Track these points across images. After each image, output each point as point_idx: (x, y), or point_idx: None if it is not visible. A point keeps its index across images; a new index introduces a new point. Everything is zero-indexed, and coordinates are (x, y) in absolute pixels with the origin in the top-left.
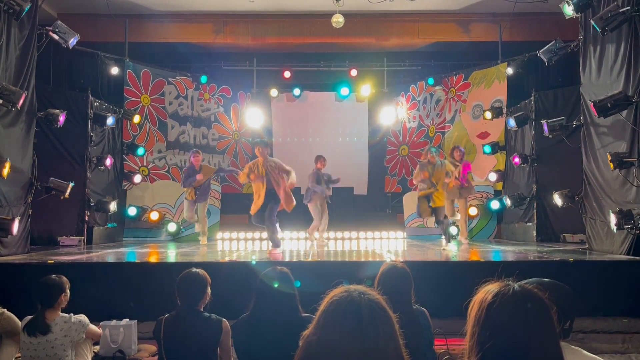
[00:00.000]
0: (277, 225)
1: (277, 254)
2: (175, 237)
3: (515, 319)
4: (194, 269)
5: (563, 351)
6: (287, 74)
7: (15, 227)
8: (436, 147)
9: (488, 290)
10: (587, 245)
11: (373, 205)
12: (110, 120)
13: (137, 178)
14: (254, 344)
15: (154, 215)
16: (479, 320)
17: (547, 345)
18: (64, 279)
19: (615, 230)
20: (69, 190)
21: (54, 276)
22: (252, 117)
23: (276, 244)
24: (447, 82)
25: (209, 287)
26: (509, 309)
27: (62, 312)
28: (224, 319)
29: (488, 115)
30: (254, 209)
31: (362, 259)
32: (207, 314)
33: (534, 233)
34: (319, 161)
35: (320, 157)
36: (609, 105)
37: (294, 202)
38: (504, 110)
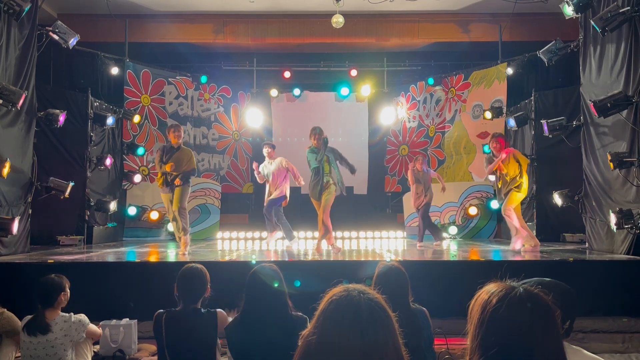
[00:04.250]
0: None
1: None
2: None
3: (522, 324)
4: (193, 265)
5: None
6: (287, 74)
7: (15, 227)
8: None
9: (491, 292)
10: (587, 245)
11: (373, 205)
12: (110, 120)
13: (137, 178)
14: (247, 343)
15: (154, 215)
16: (483, 323)
17: (552, 349)
18: (64, 278)
19: (615, 230)
20: (68, 190)
21: (53, 276)
22: (252, 117)
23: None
24: (447, 82)
25: (209, 283)
26: (515, 314)
27: (62, 311)
28: (218, 310)
29: (488, 115)
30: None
31: (362, 259)
32: (203, 310)
33: (534, 233)
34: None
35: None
36: (609, 105)
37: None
38: (504, 110)
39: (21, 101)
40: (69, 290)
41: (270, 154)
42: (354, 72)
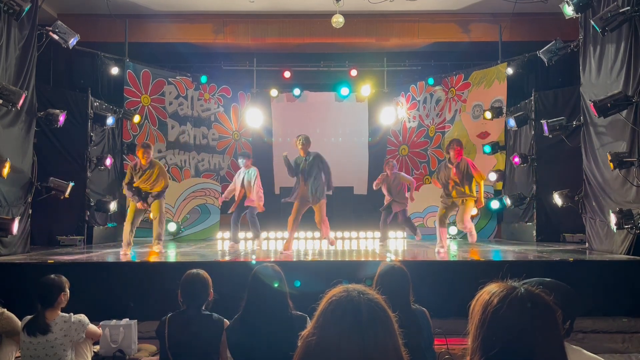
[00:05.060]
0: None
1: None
2: (175, 237)
3: (523, 324)
4: (195, 270)
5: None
6: (287, 74)
7: (15, 227)
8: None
9: (493, 293)
10: (587, 245)
11: (373, 205)
12: (110, 120)
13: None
14: (248, 343)
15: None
16: (484, 323)
17: (553, 349)
18: (64, 278)
19: (615, 230)
20: (69, 190)
21: (53, 276)
22: (252, 117)
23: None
24: (447, 82)
25: (211, 287)
26: (516, 314)
27: (61, 311)
28: (224, 319)
29: (488, 115)
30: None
31: (362, 259)
32: (208, 313)
33: (534, 233)
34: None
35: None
36: (608, 105)
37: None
38: (504, 110)
39: (21, 101)
40: (68, 290)
41: (247, 164)
42: (354, 72)
